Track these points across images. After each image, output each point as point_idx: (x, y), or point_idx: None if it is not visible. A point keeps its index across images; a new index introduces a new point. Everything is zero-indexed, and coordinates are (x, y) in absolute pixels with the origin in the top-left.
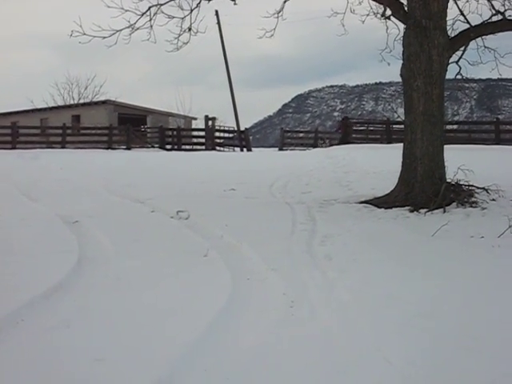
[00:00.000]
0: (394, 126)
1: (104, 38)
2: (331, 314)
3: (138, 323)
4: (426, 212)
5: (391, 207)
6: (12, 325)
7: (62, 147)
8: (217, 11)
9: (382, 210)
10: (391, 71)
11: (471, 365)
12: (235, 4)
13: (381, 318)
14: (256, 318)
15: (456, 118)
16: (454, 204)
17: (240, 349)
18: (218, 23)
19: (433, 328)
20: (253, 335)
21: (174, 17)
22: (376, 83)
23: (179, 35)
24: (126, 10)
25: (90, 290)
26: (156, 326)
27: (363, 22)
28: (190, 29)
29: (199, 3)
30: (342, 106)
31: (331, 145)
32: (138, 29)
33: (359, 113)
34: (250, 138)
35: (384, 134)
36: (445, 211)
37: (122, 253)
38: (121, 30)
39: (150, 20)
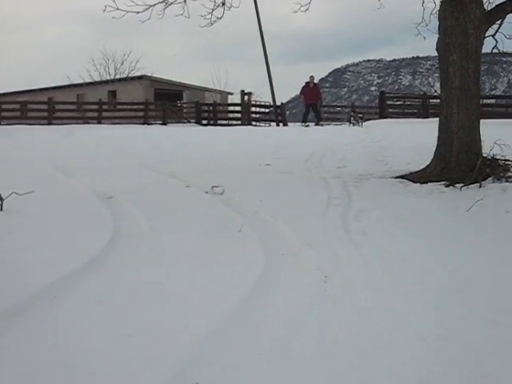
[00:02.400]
0: (431, 101)
1: (138, 12)
2: (365, 290)
3: (170, 298)
4: (461, 187)
5: (427, 182)
6: (46, 300)
7: (98, 123)
8: None
9: (418, 184)
10: (428, 45)
11: (502, 338)
12: None
13: (414, 294)
14: (289, 293)
15: (494, 92)
16: (490, 179)
17: (272, 324)
18: None
19: (466, 303)
20: (285, 310)
21: None
22: (413, 57)
23: (213, 10)
24: None
25: (124, 266)
26: (189, 301)
27: None
28: (223, 3)
29: None
30: (379, 81)
31: (367, 119)
32: (171, 3)
33: (396, 87)
34: (287, 112)
35: (421, 108)
36: (480, 186)
37: (156, 228)
38: (154, 5)
39: None
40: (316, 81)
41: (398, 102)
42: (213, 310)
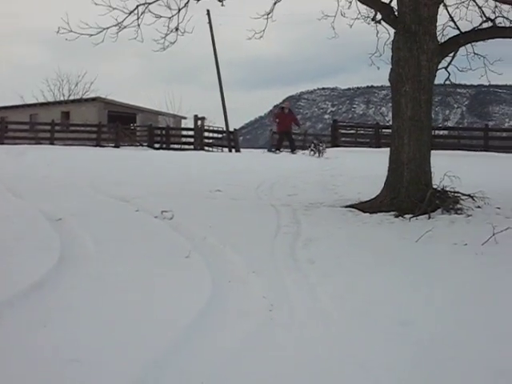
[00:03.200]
0: (384, 131)
1: (91, 35)
2: (310, 319)
3: (114, 324)
4: (410, 217)
5: (376, 212)
6: None
7: (51, 144)
8: (208, 11)
9: (368, 214)
10: (382, 75)
11: (450, 373)
12: (222, 5)
13: (361, 325)
14: (235, 321)
15: (446, 124)
16: (440, 210)
17: (216, 352)
18: (210, 23)
19: (413, 335)
20: (230, 338)
21: (161, 16)
22: (367, 86)
23: (166, 35)
24: (114, 8)
25: (70, 289)
26: (132, 328)
27: (351, 26)
28: (177, 28)
29: (187, 3)
30: (333, 109)
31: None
32: (125, 27)
33: (350, 116)
34: (240, 138)
35: (373, 138)
36: (430, 217)
37: (104, 252)
38: (108, 28)
39: (138, 19)
40: (270, 107)
41: (351, 131)
42: (156, 337)
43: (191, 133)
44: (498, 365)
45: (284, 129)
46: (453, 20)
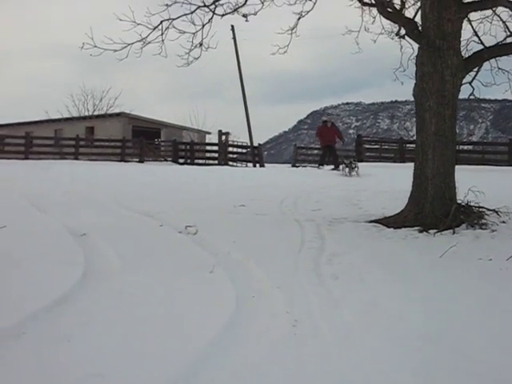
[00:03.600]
0: (408, 145)
1: (115, 51)
2: (334, 334)
3: (139, 340)
4: (435, 233)
5: (401, 227)
6: (14, 337)
7: (75, 159)
8: (233, 26)
9: (392, 229)
10: (407, 90)
11: None
12: (247, 21)
13: (384, 340)
14: (258, 336)
15: (471, 139)
16: (464, 225)
17: (240, 367)
18: (234, 38)
19: (435, 351)
20: (253, 353)
21: (185, 32)
22: (392, 101)
23: (190, 50)
24: (138, 24)
25: (94, 304)
26: (157, 343)
27: (375, 41)
28: (201, 44)
29: (211, 18)
30: (358, 124)
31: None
32: (149, 43)
33: (374, 131)
34: (265, 153)
35: (397, 152)
36: (454, 232)
37: (128, 267)
38: (132, 44)
39: (162, 34)
40: (295, 122)
41: (375, 146)
42: (181, 352)
43: (215, 148)
44: None
45: (327, 143)
46: (477, 35)
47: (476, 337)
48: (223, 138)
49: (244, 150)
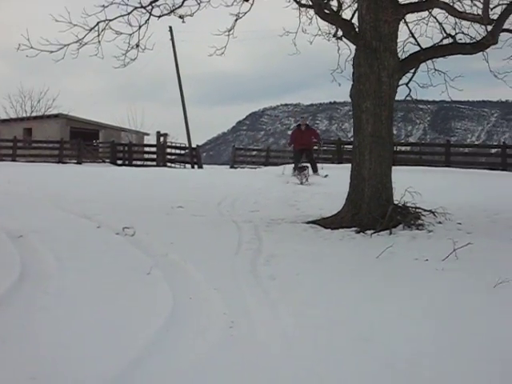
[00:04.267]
0: (346, 147)
1: (51, 52)
2: (270, 336)
3: (74, 342)
4: (372, 233)
5: (338, 228)
6: None
7: (13, 160)
8: (171, 27)
9: (329, 230)
10: (345, 91)
11: None
12: (183, 22)
13: (321, 342)
14: (194, 337)
15: (409, 139)
16: (401, 226)
17: (177, 369)
18: (172, 39)
19: (374, 352)
20: (190, 355)
21: (122, 33)
22: (330, 102)
23: (126, 51)
24: (74, 25)
25: (29, 307)
26: (93, 345)
27: (311, 42)
28: (137, 45)
29: (148, 19)
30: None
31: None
32: (86, 44)
33: None
34: (203, 154)
35: (335, 153)
36: (391, 233)
37: (65, 269)
38: (68, 45)
39: (98, 35)
40: (234, 123)
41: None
42: (115, 355)
43: (154, 149)
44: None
45: (301, 146)
46: (413, 36)
47: (409, 337)
48: (161, 139)
49: (182, 152)
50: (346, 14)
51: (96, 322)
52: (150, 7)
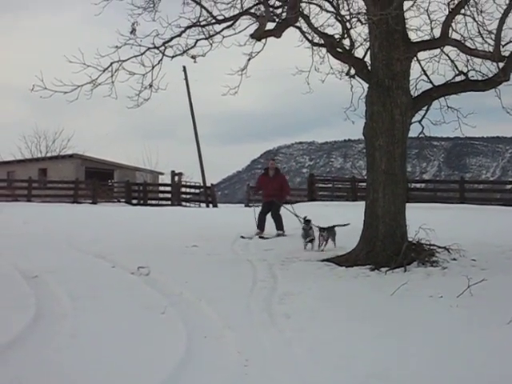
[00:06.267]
0: (360, 184)
1: (65, 93)
2: (285, 374)
3: (88, 382)
4: (386, 271)
5: (352, 265)
6: None
7: (28, 200)
8: (184, 67)
9: (344, 268)
10: (359, 129)
11: None
12: (195, 62)
13: (335, 379)
14: (209, 376)
15: (424, 176)
16: (415, 263)
17: None
18: (186, 79)
19: None
20: None
21: (135, 73)
22: (345, 140)
23: (140, 92)
24: (88, 66)
25: (44, 347)
26: None
27: (323, 81)
28: (151, 85)
29: (161, 60)
30: (311, 163)
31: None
32: (99, 84)
33: (328, 170)
34: (219, 193)
35: (350, 191)
36: (405, 270)
37: (80, 309)
38: (82, 86)
39: (112, 76)
40: (248, 162)
41: (328, 185)
42: None
43: (168, 188)
44: None
45: (268, 197)
46: (425, 74)
47: (423, 374)
48: (176, 178)
49: (197, 191)
50: (359, 53)
51: (111, 362)
52: (162, 48)
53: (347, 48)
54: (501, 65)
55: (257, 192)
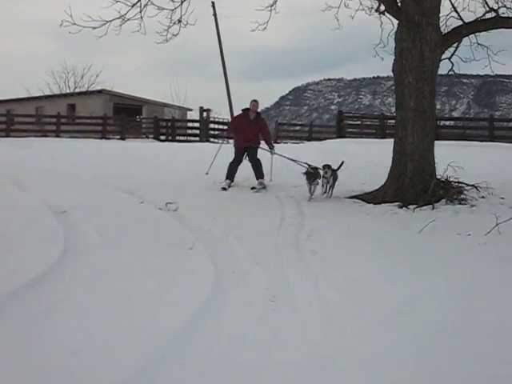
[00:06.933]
0: (389, 121)
1: (94, 28)
2: (312, 310)
3: (118, 316)
4: (414, 208)
5: (380, 203)
6: None
7: (57, 136)
8: (213, 3)
9: (372, 205)
10: (388, 65)
11: (448, 362)
12: None
13: (361, 315)
14: (236, 311)
15: (453, 114)
16: (443, 201)
17: (219, 342)
18: (215, 15)
19: (412, 325)
20: (232, 329)
21: (164, 8)
22: (374, 77)
23: (169, 27)
24: (117, 1)
25: (73, 281)
26: (135, 319)
27: (352, 17)
28: (179, 21)
29: None
30: (340, 100)
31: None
32: (128, 20)
33: (356, 106)
34: None
35: (379, 128)
36: (433, 208)
37: (108, 244)
38: (111, 21)
39: (141, 11)
40: (277, 98)
41: (357, 122)
42: (159, 327)
43: (197, 124)
44: (495, 354)
45: (244, 144)
46: (456, 11)
47: (449, 310)
48: (204, 114)
49: (225, 127)
50: None
51: (139, 297)
52: None
53: None
54: None
55: (229, 134)
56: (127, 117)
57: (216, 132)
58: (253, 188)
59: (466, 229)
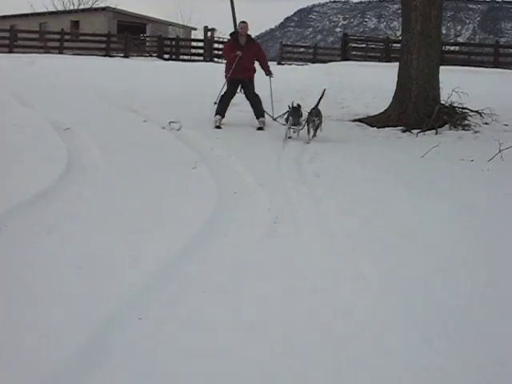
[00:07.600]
0: (394, 45)
1: None
2: (314, 232)
3: (121, 233)
4: (418, 133)
5: (384, 126)
6: None
7: (60, 53)
8: None
9: (375, 128)
10: None
11: (440, 285)
12: None
13: (362, 237)
14: (238, 232)
15: (458, 39)
16: (447, 126)
17: (221, 262)
18: None
19: (410, 248)
20: (234, 249)
21: None
22: (380, 0)
23: None
24: None
25: (75, 199)
26: (137, 237)
27: None
28: None
29: None
30: (345, 22)
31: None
32: None
33: (361, 30)
34: None
35: (383, 52)
36: (437, 133)
37: (111, 162)
38: None
39: None
40: (281, 19)
41: (362, 45)
42: (161, 246)
43: (201, 44)
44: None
45: (238, 75)
46: None
47: (448, 235)
48: (209, 34)
49: None
50: None
51: (141, 215)
52: None
53: None
54: None
55: (233, 62)
56: (131, 35)
57: (220, 52)
58: (259, 128)
59: (469, 154)
